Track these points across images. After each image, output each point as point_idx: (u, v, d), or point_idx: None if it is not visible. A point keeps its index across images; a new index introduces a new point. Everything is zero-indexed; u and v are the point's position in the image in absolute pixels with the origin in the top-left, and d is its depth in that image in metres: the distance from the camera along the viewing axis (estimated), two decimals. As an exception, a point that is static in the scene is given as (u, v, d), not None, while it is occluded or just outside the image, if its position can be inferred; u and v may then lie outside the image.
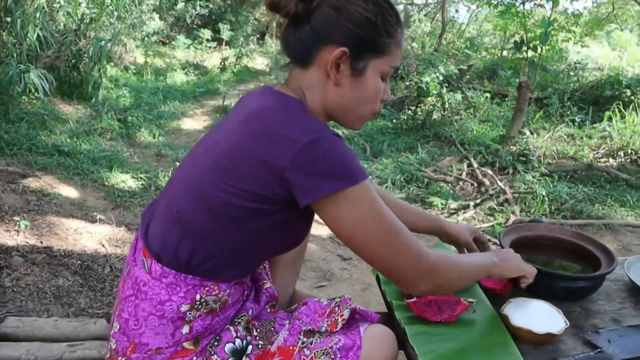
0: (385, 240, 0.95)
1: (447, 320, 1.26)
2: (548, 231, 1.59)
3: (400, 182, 4.07)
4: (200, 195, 1.00)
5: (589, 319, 1.35)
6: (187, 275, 1.01)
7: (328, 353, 1.05)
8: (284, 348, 1.06)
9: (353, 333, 1.10)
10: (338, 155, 0.91)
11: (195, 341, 1.04)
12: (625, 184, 4.17)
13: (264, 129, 0.95)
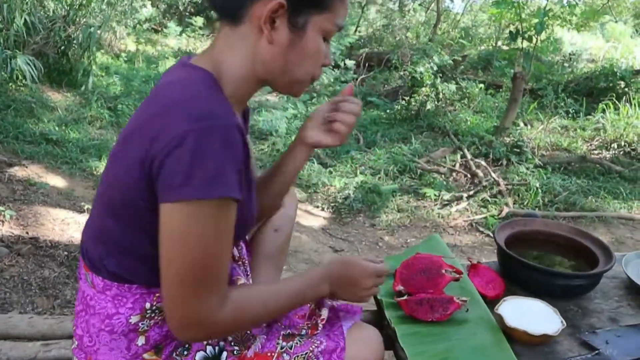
0: (190, 275, 0.80)
1: (440, 319, 1.21)
2: (544, 226, 1.53)
3: (393, 173, 4.01)
4: (108, 200, 0.90)
5: (585, 318, 1.30)
6: (132, 284, 0.92)
7: (309, 357, 0.99)
8: (262, 355, 0.99)
9: (336, 334, 1.04)
10: (208, 156, 0.76)
11: (156, 350, 0.96)
12: (618, 176, 4.14)
13: (152, 112, 0.83)
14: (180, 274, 0.80)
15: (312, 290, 0.99)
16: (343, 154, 4.38)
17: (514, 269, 1.38)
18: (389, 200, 3.64)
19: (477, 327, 1.19)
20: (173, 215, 0.79)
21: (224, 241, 0.83)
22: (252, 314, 0.91)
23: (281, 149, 4.33)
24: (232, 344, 1.01)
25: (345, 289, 1.01)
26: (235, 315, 0.87)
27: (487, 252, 3.06)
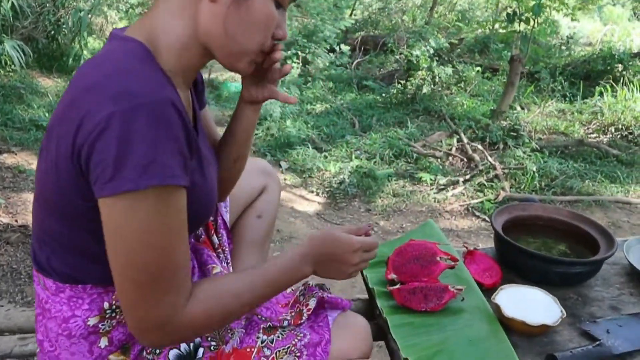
0: (141, 275, 0.72)
1: (434, 309, 1.15)
2: (542, 211, 1.47)
3: (389, 157, 3.94)
4: (44, 199, 0.80)
5: (585, 307, 1.24)
6: (85, 285, 0.84)
7: (292, 351, 0.92)
8: (240, 350, 0.92)
9: (321, 325, 0.97)
10: (137, 140, 0.66)
11: (123, 350, 0.89)
12: (615, 160, 4.07)
13: (73, 97, 0.72)
14: (130, 276, 0.72)
15: (292, 273, 0.88)
16: (338, 138, 4.30)
17: (511, 256, 1.32)
18: (384, 185, 3.57)
19: (473, 317, 1.13)
20: (110, 211, 0.70)
21: (174, 234, 0.73)
22: (224, 309, 0.81)
23: (275, 133, 4.26)
24: (209, 339, 0.95)
25: (330, 267, 0.90)
26: (203, 314, 0.78)
27: (484, 237, 3.01)
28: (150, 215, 0.70)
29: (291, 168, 3.86)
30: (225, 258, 1.18)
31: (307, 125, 4.50)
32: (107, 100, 0.67)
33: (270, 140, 4.21)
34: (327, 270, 0.90)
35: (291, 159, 3.93)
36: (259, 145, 4.13)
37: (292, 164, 3.89)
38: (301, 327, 0.96)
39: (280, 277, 0.87)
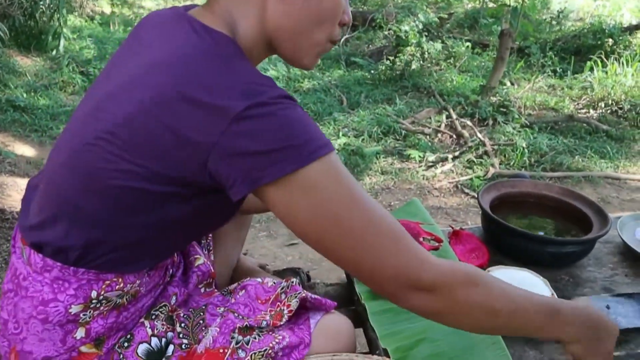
0: (362, 234, 0.67)
1: None
2: (533, 187, 1.38)
3: (377, 135, 3.83)
4: (87, 174, 0.73)
5: (577, 288, 1.16)
6: (78, 268, 0.75)
7: (268, 355, 0.83)
8: (213, 351, 0.83)
9: (301, 328, 0.88)
10: (287, 123, 0.65)
11: (96, 343, 0.81)
12: (605, 135, 3.99)
13: (178, 90, 0.67)
14: (362, 242, 0.68)
15: (560, 324, 0.74)
16: (326, 116, 4.19)
17: (499, 235, 1.23)
18: (372, 163, 3.48)
19: (458, 303, 1.04)
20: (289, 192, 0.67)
21: (360, 187, 0.70)
22: (485, 296, 0.70)
23: (261, 112, 4.12)
24: (181, 335, 0.86)
25: (589, 345, 0.76)
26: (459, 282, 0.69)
27: (473, 215, 2.93)
28: (336, 176, 0.67)
29: (278, 147, 3.75)
30: (207, 245, 1.09)
31: (294, 103, 4.38)
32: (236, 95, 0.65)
33: (256, 119, 4.08)
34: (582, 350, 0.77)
35: (278, 137, 3.82)
36: (244, 124, 4.01)
37: (278, 142, 3.78)
38: (281, 328, 0.87)
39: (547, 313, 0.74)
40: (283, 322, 0.86)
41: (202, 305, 0.92)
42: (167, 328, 0.86)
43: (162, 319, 0.86)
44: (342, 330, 0.91)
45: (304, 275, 1.20)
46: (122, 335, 0.83)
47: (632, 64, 4.82)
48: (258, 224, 2.79)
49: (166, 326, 0.86)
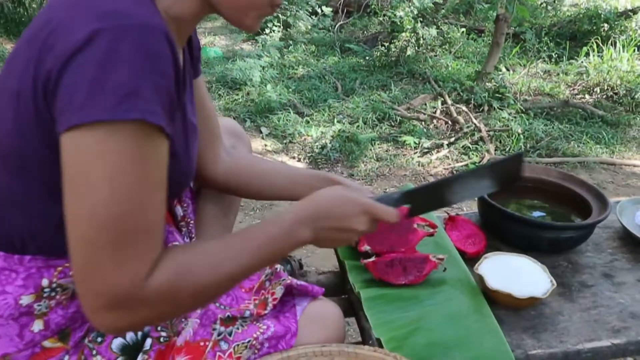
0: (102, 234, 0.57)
1: (414, 282, 1.02)
2: (530, 172, 1.33)
3: (372, 121, 3.77)
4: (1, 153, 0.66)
5: (576, 275, 1.12)
6: (23, 255, 0.69)
7: (252, 345, 0.78)
8: (193, 344, 0.78)
9: (287, 316, 0.83)
10: (121, 65, 0.55)
11: (61, 336, 0.75)
12: (600, 121, 3.95)
13: (52, 12, 0.61)
14: (89, 235, 0.58)
15: (285, 240, 0.70)
16: (320, 102, 4.12)
17: (496, 221, 1.19)
18: (367, 149, 3.43)
19: (454, 290, 1.01)
20: (76, 148, 0.57)
21: (151, 187, 0.60)
22: (196, 282, 0.64)
23: (255, 99, 4.06)
24: (159, 328, 0.81)
25: (331, 235, 0.73)
26: (171, 286, 0.62)
27: (468, 202, 2.90)
28: (124, 157, 0.57)
29: (272, 134, 3.69)
30: (188, 232, 1.03)
31: (288, 90, 4.30)
32: (91, 18, 0.57)
33: (250, 106, 4.01)
34: (326, 238, 0.74)
35: (272, 124, 3.76)
36: (238, 111, 3.94)
37: (272, 129, 3.72)
38: (265, 317, 0.83)
39: (270, 242, 0.69)
40: (268, 310, 0.82)
41: (184, 297, 0.86)
42: None
43: None
44: (331, 317, 0.86)
45: (296, 263, 1.15)
46: (91, 328, 0.78)
47: (628, 49, 4.77)
48: (252, 211, 2.74)
49: None
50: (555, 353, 0.91)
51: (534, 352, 0.90)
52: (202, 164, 0.96)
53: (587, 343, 0.93)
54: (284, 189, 1.01)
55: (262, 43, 5.22)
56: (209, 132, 0.96)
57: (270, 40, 5.18)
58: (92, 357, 0.76)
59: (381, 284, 1.01)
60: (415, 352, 0.84)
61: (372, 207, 0.74)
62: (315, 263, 2.19)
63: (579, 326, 0.96)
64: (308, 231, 0.71)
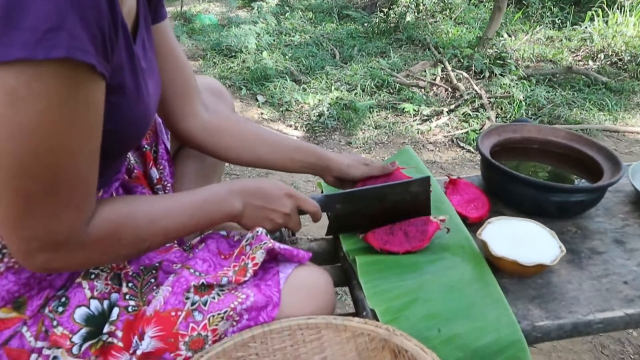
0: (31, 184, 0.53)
1: (419, 247, 0.92)
2: (537, 133, 1.23)
3: (371, 88, 3.65)
4: None
5: (586, 241, 1.03)
6: None
7: (230, 317, 0.70)
8: (163, 314, 0.70)
9: (269, 284, 0.75)
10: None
11: (16, 306, 0.68)
12: (604, 87, 3.82)
13: None
14: (17, 185, 0.53)
15: (219, 204, 0.76)
16: (318, 70, 3.98)
17: (500, 184, 1.09)
18: (365, 117, 3.31)
19: (455, 258, 0.92)
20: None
21: (81, 132, 0.54)
22: (135, 233, 0.67)
23: (251, 66, 3.92)
24: (128, 296, 0.73)
25: (258, 212, 0.80)
26: (110, 234, 0.63)
27: (468, 169, 2.80)
28: (49, 100, 0.50)
29: (268, 102, 3.57)
30: None
31: (285, 57, 4.16)
32: None
33: (246, 74, 3.88)
34: (253, 215, 0.80)
35: (268, 92, 3.64)
36: (234, 79, 3.80)
37: (269, 97, 3.60)
38: (244, 285, 0.74)
39: (205, 206, 0.75)
40: (247, 277, 0.74)
41: (156, 263, 0.78)
42: (112, 288, 0.73)
43: (105, 279, 0.73)
44: (318, 285, 0.78)
45: (285, 230, 1.06)
46: (51, 296, 0.70)
47: (635, 12, 4.58)
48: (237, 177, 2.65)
49: (110, 286, 0.73)
50: (564, 324, 0.83)
51: (541, 324, 0.82)
52: (175, 118, 0.88)
53: (599, 313, 0.84)
54: (265, 157, 0.93)
55: (258, 9, 5.05)
56: (181, 83, 0.86)
57: (266, 7, 5.00)
58: (53, 329, 0.68)
59: (374, 251, 0.92)
60: (413, 325, 0.76)
61: (295, 192, 0.82)
62: (311, 232, 2.11)
63: (590, 295, 0.88)
64: (239, 202, 0.78)
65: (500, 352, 0.74)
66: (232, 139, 0.92)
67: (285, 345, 0.74)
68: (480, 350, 0.74)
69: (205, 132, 0.90)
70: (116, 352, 0.70)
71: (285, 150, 0.95)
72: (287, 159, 0.94)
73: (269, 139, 0.96)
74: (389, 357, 0.72)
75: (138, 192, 0.88)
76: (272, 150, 0.95)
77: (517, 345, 0.75)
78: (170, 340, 0.69)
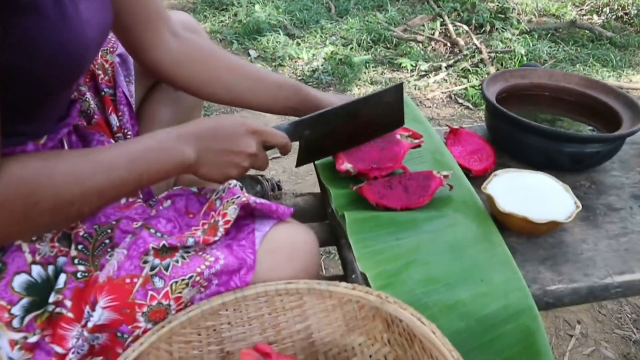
0: None
1: (420, 204, 0.81)
2: (548, 78, 1.10)
3: (367, 43, 3.46)
4: None
5: (601, 196, 0.92)
6: None
7: (196, 282, 0.59)
8: (116, 281, 0.59)
9: (243, 245, 0.63)
10: None
11: None
12: (609, 43, 3.64)
13: None
14: None
15: (164, 152, 0.61)
16: (312, 23, 3.78)
17: (507, 133, 0.97)
18: (361, 72, 3.15)
19: (457, 215, 0.80)
20: None
21: None
22: (55, 195, 0.52)
23: (243, 20, 3.71)
24: (77, 260, 0.61)
25: (217, 157, 0.64)
26: (20, 198, 0.49)
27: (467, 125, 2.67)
28: None
29: (261, 56, 3.39)
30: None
31: (278, 10, 3.94)
32: None
33: (237, 27, 3.68)
34: (212, 162, 0.65)
35: (261, 46, 3.45)
36: (225, 33, 3.60)
37: (261, 52, 3.42)
38: (214, 246, 0.63)
39: (147, 156, 0.59)
40: (218, 237, 0.62)
41: (113, 221, 0.66)
42: (59, 252, 0.61)
43: (50, 240, 0.61)
44: (300, 245, 0.66)
45: (268, 184, 0.95)
46: None
47: (642, -36, 4.34)
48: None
49: (57, 249, 0.61)
50: (579, 288, 0.72)
51: (553, 288, 0.72)
52: (140, 48, 0.76)
53: (617, 276, 0.74)
54: (243, 95, 0.80)
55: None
56: (145, 7, 0.73)
57: (259, -42, 4.71)
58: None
59: (367, 206, 0.81)
60: (409, 290, 0.65)
61: (259, 127, 0.68)
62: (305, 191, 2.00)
63: (607, 256, 0.78)
64: (190, 149, 0.63)
65: (508, 321, 0.64)
66: (205, 71, 0.79)
67: (263, 313, 0.64)
68: (485, 319, 0.64)
69: (175, 62, 0.77)
70: (66, 324, 0.60)
71: (268, 88, 0.82)
72: (269, 97, 0.81)
73: (250, 74, 0.83)
74: (380, 327, 0.62)
75: (95, 139, 0.75)
76: (253, 86, 0.82)
77: (528, 312, 0.65)
78: (125, 311, 0.58)
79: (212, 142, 0.64)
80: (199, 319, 0.61)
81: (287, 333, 0.65)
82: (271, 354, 0.56)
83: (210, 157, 0.64)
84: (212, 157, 0.64)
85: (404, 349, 0.61)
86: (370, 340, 0.64)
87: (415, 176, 0.83)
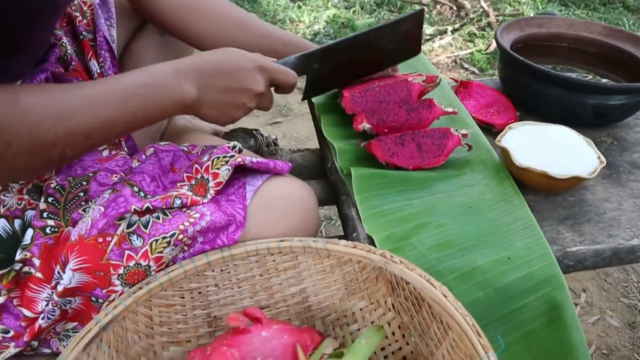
0: None
1: (435, 164, 0.73)
2: (567, 27, 1.00)
3: (370, 6, 3.33)
4: None
5: (625, 153, 0.84)
6: None
7: (179, 241, 0.52)
8: (88, 240, 0.51)
9: (232, 199, 0.55)
10: None
11: None
12: (622, 6, 3.49)
13: None
14: None
15: (163, 89, 0.51)
16: (314, -14, 3.62)
17: (523, 84, 0.88)
18: (364, 36, 3.03)
19: (475, 175, 0.72)
20: None
21: None
22: (36, 138, 0.43)
23: (242, -19, 3.55)
24: (47, 214, 0.54)
25: (220, 89, 0.55)
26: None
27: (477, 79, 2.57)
28: None
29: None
30: None
31: (279, -28, 3.78)
32: None
33: (236, -11, 3.53)
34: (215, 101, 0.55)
35: (260, 9, 3.32)
36: (224, -5, 3.46)
37: (261, 15, 3.29)
38: (199, 204, 0.55)
39: (141, 91, 0.50)
40: (208, 199, 0.54)
41: (90, 173, 0.58)
42: (28, 204, 0.54)
43: (19, 191, 0.54)
44: (296, 199, 0.58)
45: (263, 139, 0.87)
46: None
47: None
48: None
49: (26, 201, 0.54)
50: (602, 250, 0.65)
51: (574, 249, 0.64)
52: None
53: (644, 237, 0.67)
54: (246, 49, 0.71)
55: None
56: None
57: None
58: None
59: (373, 163, 0.73)
60: (421, 256, 0.58)
61: (268, 64, 0.60)
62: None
63: (632, 216, 0.70)
64: (190, 86, 0.54)
65: (531, 291, 0.56)
66: (208, 21, 0.71)
67: (254, 274, 0.57)
68: (505, 289, 0.56)
69: (180, 10, 0.69)
70: (35, 285, 0.53)
71: (274, 44, 0.75)
72: (272, 54, 0.72)
73: (255, 28, 0.75)
74: (384, 290, 0.55)
75: None
76: (257, 41, 0.74)
77: (554, 282, 0.57)
78: (99, 274, 0.51)
79: (215, 79, 0.55)
80: (181, 280, 0.54)
81: (281, 297, 0.58)
82: (262, 319, 0.50)
83: (212, 95, 0.55)
84: (215, 96, 0.55)
85: (410, 314, 0.54)
86: (373, 305, 0.58)
87: (431, 133, 0.74)
